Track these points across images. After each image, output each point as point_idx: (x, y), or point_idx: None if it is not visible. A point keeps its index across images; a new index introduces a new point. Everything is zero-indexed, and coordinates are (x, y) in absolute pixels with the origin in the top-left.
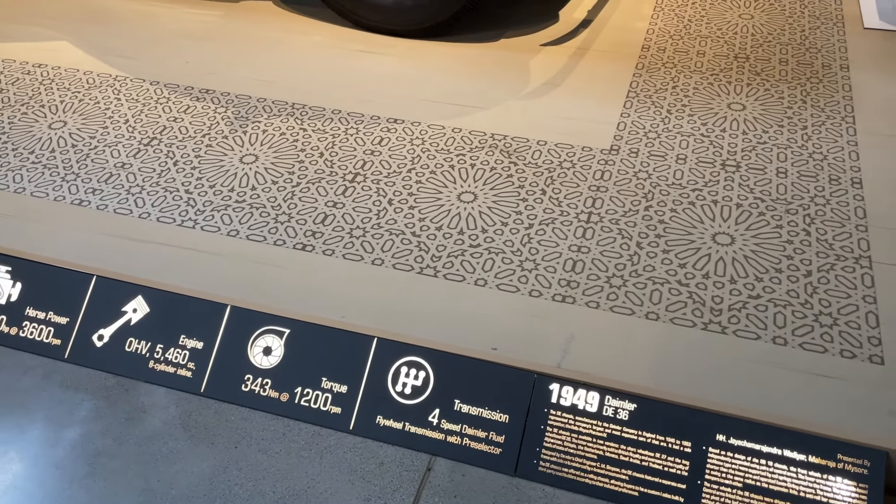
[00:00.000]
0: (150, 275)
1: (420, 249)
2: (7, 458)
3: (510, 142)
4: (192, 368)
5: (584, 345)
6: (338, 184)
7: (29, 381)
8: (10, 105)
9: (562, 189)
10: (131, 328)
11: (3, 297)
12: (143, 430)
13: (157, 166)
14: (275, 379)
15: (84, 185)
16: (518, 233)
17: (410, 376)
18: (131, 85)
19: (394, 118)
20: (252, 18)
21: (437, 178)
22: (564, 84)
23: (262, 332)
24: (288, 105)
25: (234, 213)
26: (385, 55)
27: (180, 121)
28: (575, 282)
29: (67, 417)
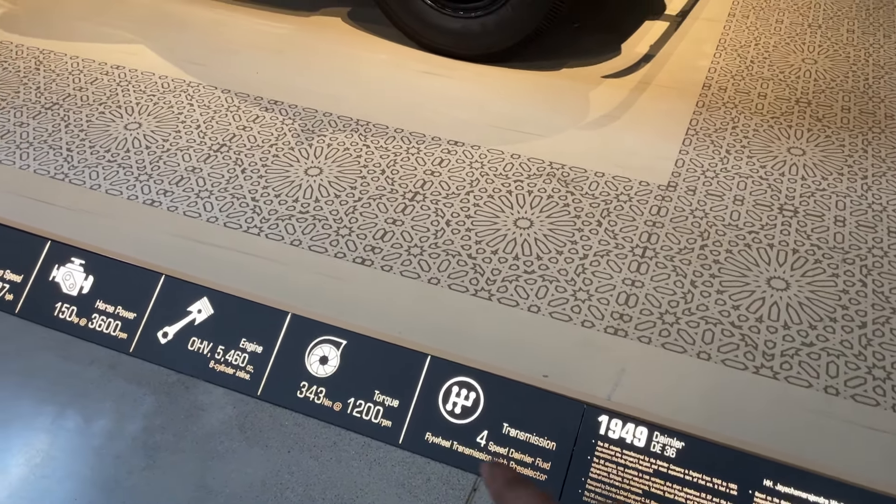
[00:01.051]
0: (215, 277)
1: (475, 272)
2: (71, 446)
3: (568, 171)
4: (251, 371)
5: (635, 379)
6: (398, 201)
7: (95, 371)
8: (88, 104)
9: (618, 222)
10: (195, 328)
11: (75, 289)
12: (200, 427)
13: (225, 172)
14: (329, 388)
15: (156, 186)
16: (572, 262)
17: (461, 396)
18: (204, 91)
19: (454, 140)
20: (321, 33)
21: (494, 203)
22: (624, 117)
23: (320, 342)
24: (353, 121)
25: (297, 224)
26: (449, 77)
27: (249, 129)
28: (628, 315)
29: (130, 410)
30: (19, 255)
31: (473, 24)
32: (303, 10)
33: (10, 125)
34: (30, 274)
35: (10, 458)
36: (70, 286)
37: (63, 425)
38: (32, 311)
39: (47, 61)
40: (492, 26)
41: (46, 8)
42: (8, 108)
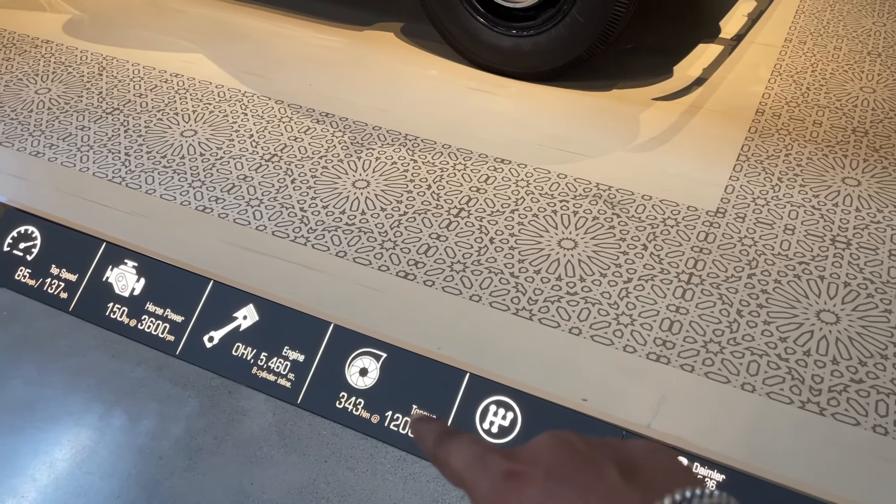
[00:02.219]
0: (261, 285)
1: (517, 290)
2: (116, 444)
3: (615, 193)
4: (292, 379)
5: (676, 408)
6: (442, 217)
7: (142, 372)
8: (147, 110)
9: (664, 246)
10: (240, 334)
11: (127, 291)
12: (241, 432)
13: (275, 182)
14: (368, 400)
15: (208, 193)
16: (616, 285)
17: (499, 415)
18: (258, 102)
19: (501, 158)
20: (373, 47)
21: (539, 222)
22: (674, 140)
23: (361, 353)
24: (401, 135)
25: (343, 235)
26: (497, 95)
27: (300, 140)
28: (671, 342)
29: (174, 412)
30: (75, 255)
31: (524, 43)
32: (356, 25)
33: (72, 128)
34: (84, 274)
35: (58, 452)
36: (122, 287)
37: (110, 423)
38: (85, 310)
39: (110, 67)
40: (543, 45)
41: (111, 16)
42: (71, 112)
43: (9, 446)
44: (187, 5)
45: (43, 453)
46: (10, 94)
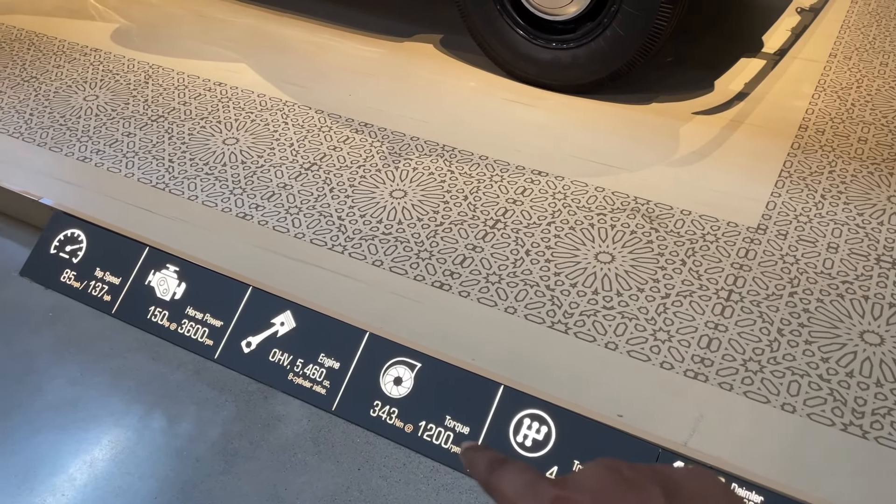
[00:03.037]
0: (299, 292)
1: (553, 304)
2: (155, 446)
3: (653, 207)
4: (327, 386)
5: (714, 426)
6: (479, 228)
7: (181, 375)
8: (190, 118)
9: (703, 262)
10: (277, 340)
11: (168, 295)
12: (276, 437)
13: (314, 191)
14: (401, 409)
15: (249, 201)
16: (654, 301)
17: (532, 429)
18: (298, 111)
19: (538, 170)
20: (412, 59)
21: (575, 235)
22: (714, 155)
23: (395, 363)
24: (439, 146)
25: (379, 244)
26: (535, 107)
27: (339, 150)
28: (709, 360)
29: (211, 415)
30: (119, 259)
31: (564, 56)
32: (396, 36)
33: (118, 135)
34: (127, 277)
35: (98, 451)
36: (164, 291)
37: (149, 425)
38: (127, 313)
39: (156, 76)
40: (583, 59)
41: (158, 26)
42: (118, 119)
43: (51, 444)
44: (231, 16)
45: (84, 452)
46: (60, 101)
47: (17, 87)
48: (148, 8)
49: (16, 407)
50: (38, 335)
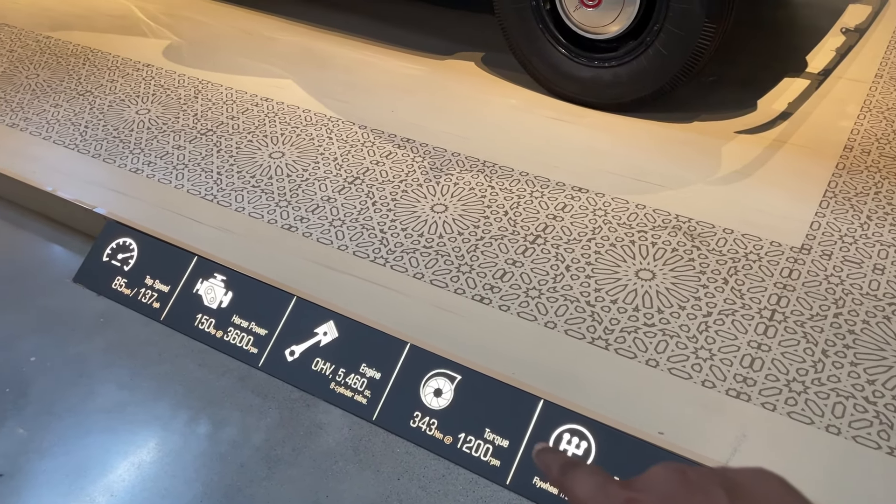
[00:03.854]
0: (342, 302)
1: (593, 319)
2: (200, 450)
3: (695, 225)
4: (368, 396)
5: (756, 446)
6: (519, 243)
7: (226, 382)
8: (238, 132)
9: (745, 281)
10: (319, 349)
11: (215, 303)
12: (318, 445)
13: (357, 204)
14: (441, 420)
15: (294, 213)
16: (695, 319)
17: (572, 444)
18: (342, 126)
19: (578, 187)
20: (454, 76)
21: (616, 252)
22: (757, 174)
23: (435, 374)
24: (479, 162)
25: (420, 257)
26: (576, 124)
27: (382, 165)
28: (752, 379)
29: (255, 422)
30: (169, 268)
31: (605, 74)
32: (439, 54)
33: (169, 147)
34: (176, 285)
35: (145, 454)
36: (211, 299)
37: (195, 430)
38: (175, 320)
39: (205, 91)
40: (624, 77)
41: (207, 43)
42: (168, 132)
43: (101, 446)
44: (278, 33)
45: (132, 454)
46: (114, 114)
47: (72, 101)
48: (198, 25)
49: (69, 409)
50: (90, 340)
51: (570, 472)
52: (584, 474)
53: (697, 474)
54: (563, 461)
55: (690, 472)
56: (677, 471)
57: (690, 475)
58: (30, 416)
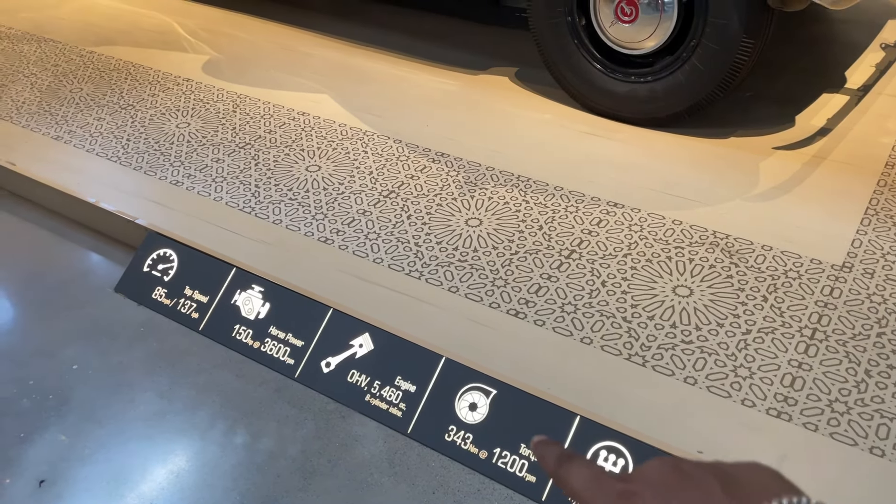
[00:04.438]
0: (377, 315)
1: (630, 336)
2: (237, 460)
3: (732, 242)
4: (403, 409)
5: (797, 467)
6: (554, 258)
7: (263, 392)
8: (275, 145)
9: (785, 299)
10: (355, 361)
11: (253, 314)
12: (353, 457)
13: (392, 217)
14: (476, 435)
15: (330, 226)
16: (734, 336)
17: (609, 461)
18: (377, 141)
19: (614, 202)
20: (488, 91)
21: (652, 267)
22: (796, 191)
23: (470, 388)
24: (513, 176)
25: (455, 271)
26: (611, 140)
27: (416, 179)
28: (793, 399)
29: (291, 433)
30: (208, 278)
31: (641, 89)
32: (473, 69)
33: (208, 160)
34: (215, 296)
35: (184, 463)
36: (248, 310)
37: (232, 440)
38: (214, 330)
39: (243, 105)
40: (660, 92)
41: (246, 58)
42: (207, 146)
43: (141, 454)
44: (315, 49)
45: (171, 463)
46: (154, 127)
47: (115, 114)
48: (236, 41)
49: (110, 416)
50: (130, 349)
51: (566, 463)
52: (579, 466)
53: (692, 466)
54: (559, 453)
55: (685, 464)
56: (672, 464)
57: (685, 467)
58: (72, 423)
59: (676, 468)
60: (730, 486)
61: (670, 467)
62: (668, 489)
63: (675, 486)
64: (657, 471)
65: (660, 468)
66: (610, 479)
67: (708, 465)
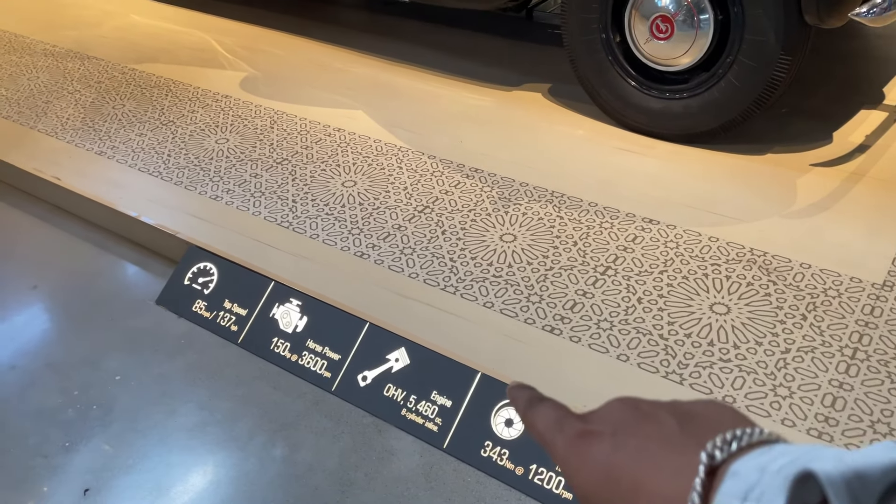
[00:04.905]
0: (413, 329)
1: (667, 353)
2: (276, 472)
3: (770, 259)
4: (439, 424)
5: None
6: (589, 274)
7: (300, 405)
8: (312, 161)
9: (825, 318)
10: (391, 375)
11: (290, 327)
12: (390, 471)
13: (427, 232)
14: (512, 451)
15: (366, 240)
16: (773, 355)
17: None
18: (412, 156)
19: (649, 218)
20: (522, 107)
21: (689, 285)
22: (835, 208)
23: (506, 404)
24: (547, 192)
25: (490, 286)
26: (646, 155)
27: (451, 194)
28: (834, 419)
29: (328, 446)
30: (246, 292)
31: (676, 106)
32: (506, 85)
33: (246, 175)
34: (254, 309)
35: (223, 473)
36: (286, 324)
37: (270, 452)
38: (252, 343)
39: (280, 121)
40: (695, 108)
41: (283, 75)
42: (246, 161)
43: (182, 464)
44: (350, 65)
45: (211, 474)
46: (194, 143)
47: (156, 130)
48: (273, 58)
49: (152, 427)
50: (171, 360)
51: (535, 406)
52: (545, 409)
53: (649, 405)
54: (530, 396)
55: (643, 404)
56: (631, 403)
57: (643, 406)
58: (115, 433)
59: (635, 407)
60: (686, 422)
61: (629, 406)
62: (625, 425)
63: (631, 423)
64: (616, 410)
65: (619, 407)
66: (572, 420)
67: (665, 404)
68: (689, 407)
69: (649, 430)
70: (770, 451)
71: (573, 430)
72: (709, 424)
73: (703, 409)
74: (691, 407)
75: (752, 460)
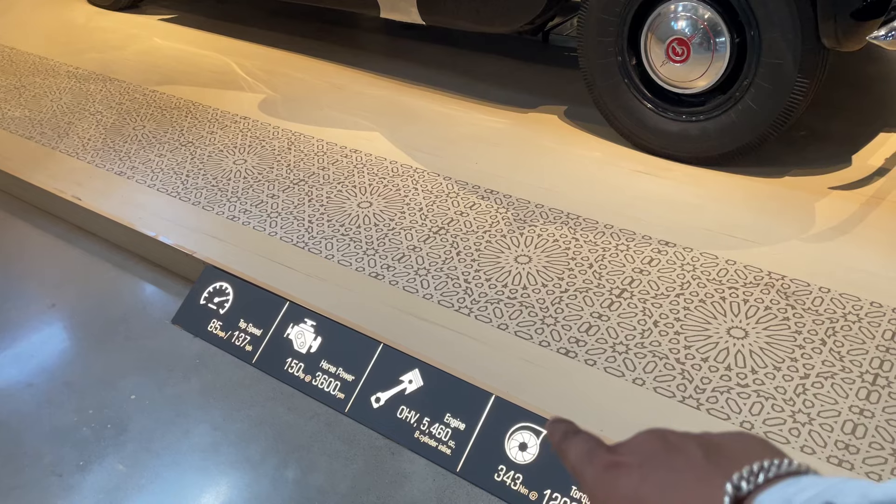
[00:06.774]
0: (427, 351)
1: (683, 377)
2: (289, 495)
3: (789, 283)
4: (452, 447)
5: None
6: (604, 296)
7: (314, 426)
8: (328, 182)
9: (845, 343)
10: (405, 397)
11: (305, 348)
12: (402, 494)
13: (442, 254)
14: (526, 476)
15: (381, 261)
16: (792, 381)
17: None
18: (427, 178)
19: (665, 240)
20: (537, 129)
21: (706, 308)
22: (854, 232)
23: (520, 428)
24: (563, 214)
25: (505, 308)
26: (662, 178)
27: (466, 215)
28: (854, 447)
29: (342, 468)
30: (261, 312)
31: (692, 128)
32: (522, 107)
33: (263, 196)
34: (268, 329)
35: (236, 495)
36: (301, 344)
37: (283, 474)
38: (266, 363)
39: (298, 142)
40: (712, 131)
41: (300, 97)
42: (262, 182)
43: (195, 485)
44: (366, 87)
45: (223, 495)
46: (213, 164)
47: (175, 151)
48: (291, 80)
49: (166, 447)
50: (186, 380)
51: (569, 438)
52: (578, 440)
53: (678, 437)
54: (566, 429)
55: (671, 435)
56: (659, 434)
57: (671, 438)
58: (129, 453)
59: (663, 439)
60: (713, 453)
61: (657, 438)
62: (653, 457)
63: (659, 455)
64: (645, 442)
65: (647, 439)
66: (601, 452)
67: (694, 436)
68: (717, 439)
69: (676, 462)
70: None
71: (602, 462)
72: (736, 456)
73: (732, 440)
74: (720, 439)
75: (777, 492)
